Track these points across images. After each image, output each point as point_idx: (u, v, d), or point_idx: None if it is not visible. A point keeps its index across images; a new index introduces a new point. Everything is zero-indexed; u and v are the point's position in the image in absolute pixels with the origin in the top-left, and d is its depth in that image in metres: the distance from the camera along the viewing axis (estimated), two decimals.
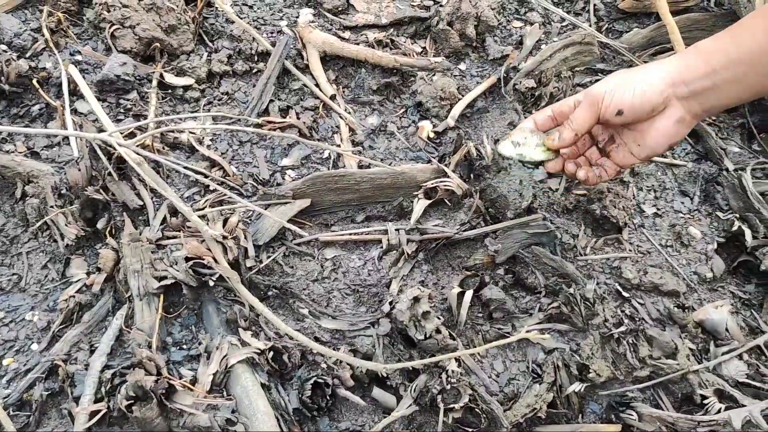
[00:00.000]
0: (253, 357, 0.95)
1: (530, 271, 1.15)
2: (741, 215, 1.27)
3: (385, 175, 1.15)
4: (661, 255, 1.23)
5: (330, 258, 1.12)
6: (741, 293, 1.21)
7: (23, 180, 1.08)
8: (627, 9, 1.55)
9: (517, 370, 1.06)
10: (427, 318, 1.00)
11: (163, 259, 1.01)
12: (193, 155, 1.17)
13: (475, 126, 1.34)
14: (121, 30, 1.23)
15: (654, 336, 1.09)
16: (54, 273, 1.04)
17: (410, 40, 1.41)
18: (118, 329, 0.97)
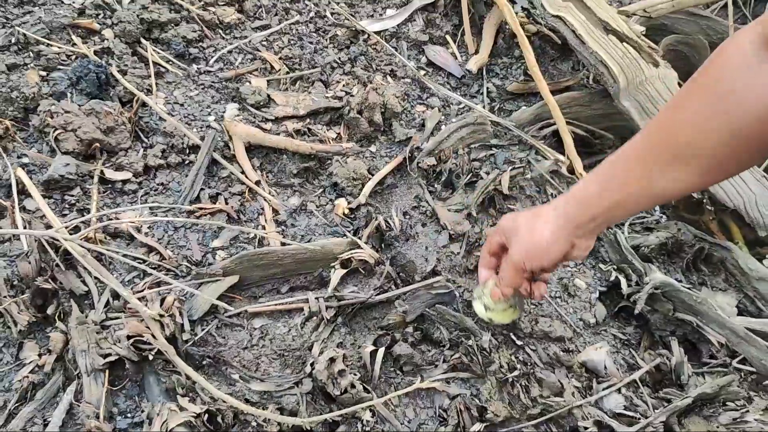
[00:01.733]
0: (190, 420, 1.08)
1: (436, 326, 1.32)
2: (618, 266, 1.47)
3: (305, 250, 1.32)
4: (551, 305, 1.41)
5: (258, 327, 1.26)
6: (621, 335, 1.40)
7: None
8: (515, 90, 1.78)
9: (426, 415, 1.21)
10: (342, 375, 1.15)
11: (108, 338, 1.14)
12: (132, 242, 1.31)
13: (385, 201, 1.52)
14: (63, 133, 1.38)
15: (543, 378, 1.27)
16: (8, 356, 1.16)
17: (326, 128, 1.59)
18: (68, 404, 1.09)
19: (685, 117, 0.86)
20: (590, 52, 1.63)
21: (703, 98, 0.84)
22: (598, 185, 0.97)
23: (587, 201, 0.99)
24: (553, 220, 1.03)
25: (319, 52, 1.76)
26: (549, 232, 1.02)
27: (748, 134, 0.81)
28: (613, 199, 0.95)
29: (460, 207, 1.51)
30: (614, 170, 0.95)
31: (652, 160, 0.89)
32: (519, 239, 1.06)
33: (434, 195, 1.54)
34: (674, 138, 0.87)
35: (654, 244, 1.49)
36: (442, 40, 1.88)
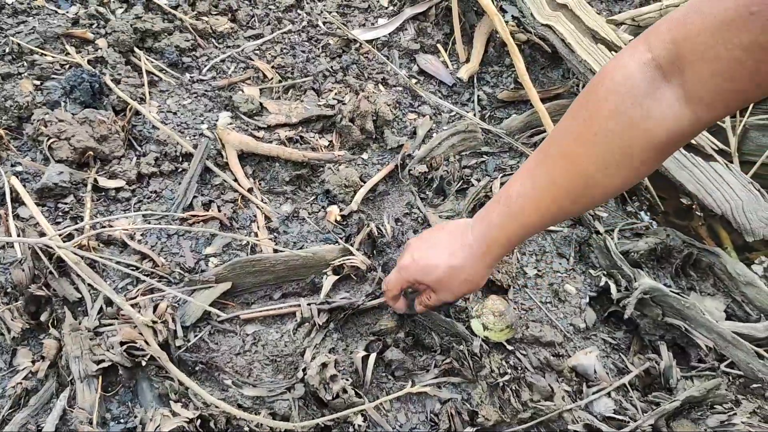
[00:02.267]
0: (183, 426, 1.08)
1: (427, 332, 1.33)
2: (608, 272, 1.49)
3: (297, 256, 1.33)
4: (542, 311, 1.42)
5: (250, 333, 1.27)
6: (611, 339, 1.41)
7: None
8: (505, 99, 1.80)
9: (418, 420, 1.22)
10: (334, 380, 1.16)
11: (101, 344, 1.15)
12: (125, 249, 1.32)
13: (377, 208, 1.53)
14: (57, 142, 1.39)
15: (534, 382, 1.28)
16: (2, 363, 1.17)
17: (318, 135, 1.61)
18: (62, 410, 1.10)
19: (586, 151, 0.87)
20: (579, 60, 1.66)
21: (602, 131, 0.84)
22: (517, 221, 1.00)
23: (504, 238, 1.03)
24: (480, 269, 1.09)
25: (312, 61, 1.77)
26: (480, 279, 1.10)
27: (651, 159, 0.85)
28: (532, 225, 0.99)
29: (452, 214, 1.53)
30: (525, 202, 0.97)
31: (566, 196, 0.93)
32: (446, 290, 1.13)
33: (426, 202, 1.55)
34: (582, 175, 0.89)
35: (643, 249, 1.51)
36: (433, 48, 1.90)
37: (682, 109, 0.79)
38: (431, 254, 1.11)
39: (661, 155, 0.86)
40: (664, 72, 0.79)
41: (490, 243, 1.05)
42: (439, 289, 1.13)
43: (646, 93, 0.80)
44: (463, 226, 1.10)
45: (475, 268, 1.08)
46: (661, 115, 0.80)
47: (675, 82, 0.78)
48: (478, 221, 1.08)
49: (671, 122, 0.80)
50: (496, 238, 1.04)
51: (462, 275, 1.08)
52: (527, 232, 1.01)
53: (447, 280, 1.10)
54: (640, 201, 1.76)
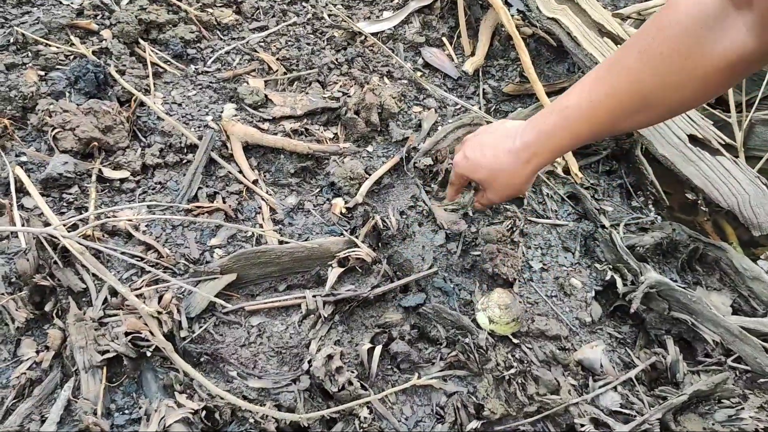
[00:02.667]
0: (188, 416, 1.08)
1: (432, 324, 1.33)
2: (614, 266, 1.48)
3: (302, 248, 1.32)
4: (547, 304, 1.42)
5: (255, 325, 1.27)
6: (617, 334, 1.41)
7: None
8: (510, 92, 1.79)
9: (423, 413, 1.22)
10: (339, 372, 1.16)
11: (105, 335, 1.14)
12: (130, 240, 1.31)
13: (382, 200, 1.53)
14: (62, 132, 1.39)
15: (540, 375, 1.27)
16: (6, 353, 1.16)
17: (323, 128, 1.60)
18: (66, 400, 1.09)
19: (651, 68, 0.90)
20: (585, 54, 1.65)
21: (668, 51, 0.87)
22: (569, 131, 1.02)
23: (553, 145, 1.05)
24: (523, 172, 1.11)
25: (317, 54, 1.77)
26: (521, 182, 1.13)
27: (713, 83, 0.86)
28: (581, 137, 1.02)
29: (456, 207, 1.52)
30: (581, 113, 0.99)
31: (621, 110, 0.95)
32: (493, 189, 1.17)
33: (431, 195, 1.55)
34: (641, 92, 0.92)
35: (649, 244, 1.50)
36: (439, 42, 1.89)
37: (751, 36, 0.81)
38: (479, 154, 1.16)
39: (726, 80, 0.87)
40: (735, 1, 0.81)
41: (537, 150, 1.07)
42: (486, 187, 1.18)
43: (716, 17, 0.83)
44: (514, 130, 1.12)
45: (518, 173, 1.11)
46: (730, 39, 0.82)
47: (745, 11, 0.80)
48: (529, 127, 1.09)
49: (740, 47, 0.82)
50: (543, 145, 1.06)
51: (504, 178, 1.13)
52: (575, 142, 1.04)
53: (491, 181, 1.15)
54: (645, 196, 1.75)
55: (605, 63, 0.98)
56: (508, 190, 1.16)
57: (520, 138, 1.09)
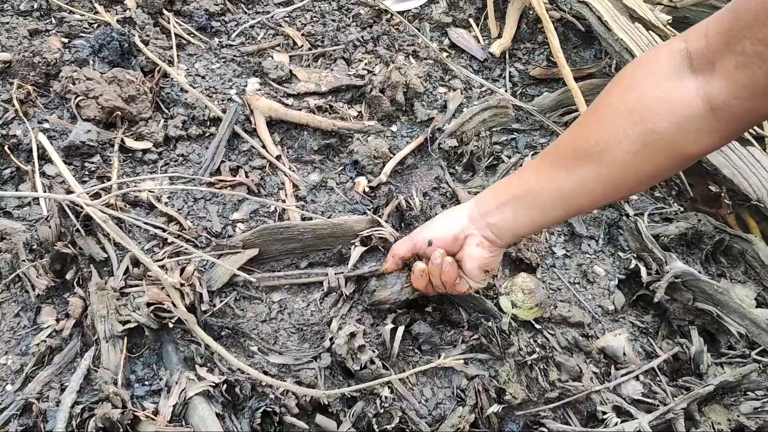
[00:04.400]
0: (208, 390, 1.07)
1: (455, 308, 1.31)
2: (638, 255, 1.46)
3: (325, 225, 1.31)
4: (570, 291, 1.40)
5: (277, 301, 1.25)
6: (639, 323, 1.39)
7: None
8: (538, 76, 1.76)
9: (444, 395, 1.20)
10: (362, 351, 1.14)
11: (127, 305, 1.13)
12: (152, 211, 1.30)
13: (405, 181, 1.51)
14: (85, 100, 1.37)
15: (562, 362, 1.26)
16: (26, 321, 1.15)
17: (347, 106, 1.58)
18: (86, 369, 1.08)
19: (597, 119, 0.90)
20: (615, 38, 1.62)
21: (617, 103, 0.86)
22: (509, 179, 1.08)
23: (503, 186, 1.07)
24: (462, 205, 1.16)
25: (342, 30, 1.74)
26: (452, 212, 1.15)
27: (657, 146, 0.84)
28: (522, 188, 1.02)
29: (480, 190, 1.50)
30: (525, 167, 1.07)
31: (561, 156, 0.96)
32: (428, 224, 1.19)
33: (455, 177, 1.53)
34: (585, 138, 0.91)
35: (673, 234, 1.48)
36: (465, 23, 1.86)
37: (700, 104, 0.79)
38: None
39: (664, 153, 0.85)
40: (693, 63, 0.80)
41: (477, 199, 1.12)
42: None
43: (668, 75, 0.81)
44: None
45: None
46: (678, 101, 0.80)
47: (701, 78, 0.79)
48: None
49: (685, 112, 0.80)
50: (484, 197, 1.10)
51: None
52: (519, 187, 1.05)
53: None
54: (669, 186, 1.73)
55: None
56: (441, 229, 1.17)
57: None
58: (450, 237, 1.13)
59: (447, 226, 1.14)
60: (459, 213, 1.14)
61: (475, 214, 1.10)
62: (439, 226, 1.16)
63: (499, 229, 1.08)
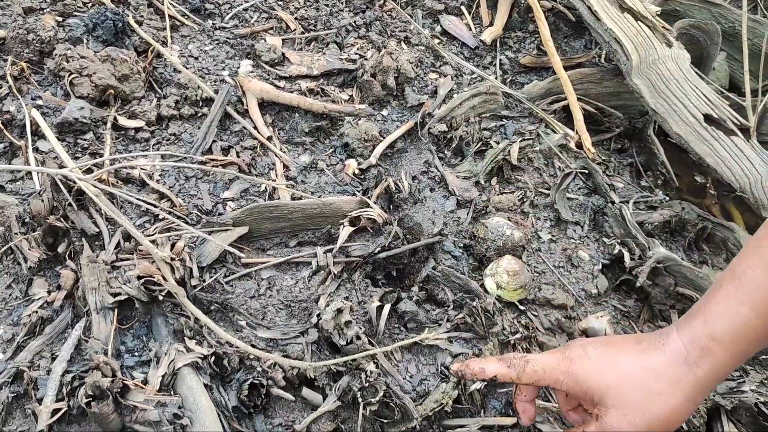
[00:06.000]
0: (197, 361, 1.09)
1: (440, 288, 1.33)
2: (622, 240, 1.48)
3: (315, 205, 1.33)
4: (554, 274, 1.42)
5: (266, 278, 1.27)
6: (622, 307, 1.42)
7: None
8: (527, 64, 1.78)
9: (428, 372, 1.23)
10: (348, 326, 1.17)
11: (118, 278, 1.15)
12: (143, 188, 1.32)
13: (395, 164, 1.53)
14: (78, 78, 1.38)
15: (545, 342, 1.28)
16: (18, 292, 1.17)
17: (338, 89, 1.60)
18: (77, 339, 1.10)
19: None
20: (605, 28, 1.64)
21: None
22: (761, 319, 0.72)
23: (748, 341, 0.73)
24: (688, 380, 0.73)
25: (335, 15, 1.76)
26: (685, 400, 0.73)
27: None
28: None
29: (469, 174, 1.53)
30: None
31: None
32: (627, 410, 0.74)
33: (444, 161, 1.55)
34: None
35: (657, 221, 1.51)
36: (457, 10, 1.88)
37: None
38: (593, 353, 0.81)
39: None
40: None
41: (707, 343, 0.74)
42: (604, 413, 0.78)
43: None
44: (643, 335, 0.81)
45: (675, 389, 0.75)
46: None
47: None
48: (681, 321, 0.79)
49: None
50: (720, 331, 0.74)
51: (643, 399, 0.75)
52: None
53: (617, 401, 0.76)
54: (655, 176, 1.75)
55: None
56: (662, 423, 0.74)
57: (668, 334, 0.77)
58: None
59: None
60: (694, 401, 0.76)
61: (711, 385, 0.76)
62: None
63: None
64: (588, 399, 0.78)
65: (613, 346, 0.78)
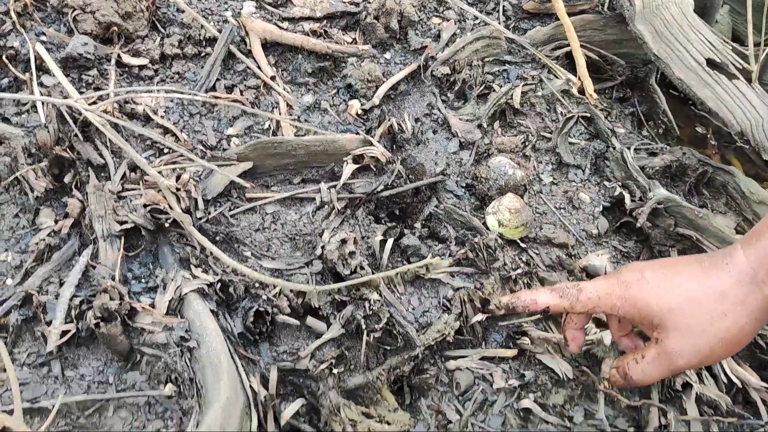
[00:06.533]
0: (203, 288, 1.10)
1: (443, 225, 1.35)
2: (623, 183, 1.50)
3: (318, 142, 1.33)
4: (555, 215, 1.44)
5: (270, 212, 1.28)
6: (622, 247, 1.43)
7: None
8: (530, 10, 1.78)
9: (430, 304, 1.24)
10: (352, 257, 1.18)
11: (124, 206, 1.16)
12: (148, 123, 1.32)
13: (398, 107, 1.53)
14: (82, 15, 1.38)
15: (545, 277, 1.30)
16: (24, 221, 1.18)
17: (341, 32, 1.59)
18: (84, 265, 1.11)
19: None
20: None
21: None
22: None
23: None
24: (755, 299, 0.71)
25: None
26: (751, 320, 0.71)
27: None
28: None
29: (472, 118, 1.53)
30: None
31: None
32: (689, 332, 0.73)
33: (446, 104, 1.56)
34: None
35: (658, 166, 1.52)
36: None
37: None
38: (651, 275, 0.79)
39: None
40: None
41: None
42: (664, 336, 0.77)
43: None
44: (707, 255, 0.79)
45: (740, 308, 0.73)
46: None
47: None
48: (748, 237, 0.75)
49: None
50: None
51: (708, 320, 0.73)
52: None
53: (678, 324, 0.75)
54: (656, 125, 1.76)
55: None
56: (728, 345, 0.72)
57: (732, 253, 0.74)
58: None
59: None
60: (761, 320, 0.74)
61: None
62: (733, 351, 0.77)
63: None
64: (647, 323, 0.76)
65: (671, 268, 0.76)
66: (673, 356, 0.73)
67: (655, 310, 0.74)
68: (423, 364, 1.20)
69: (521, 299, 0.86)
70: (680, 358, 0.73)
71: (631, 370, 0.78)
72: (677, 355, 0.73)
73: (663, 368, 0.75)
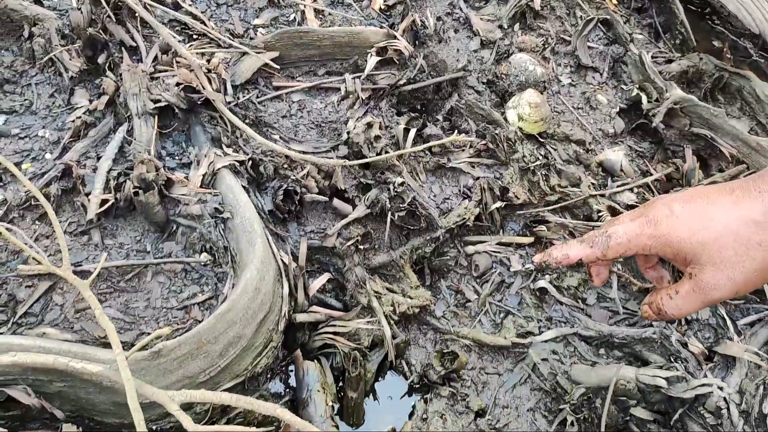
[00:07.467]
0: (235, 164, 1.14)
1: (464, 119, 1.38)
2: (640, 85, 1.52)
3: (343, 33, 1.35)
4: (573, 114, 1.47)
5: (296, 101, 1.32)
6: (637, 147, 1.46)
7: (29, 22, 1.24)
8: None
9: (451, 192, 1.29)
10: (378, 140, 1.22)
11: (158, 86, 1.19)
12: (178, 11, 1.34)
13: (420, 5, 1.54)
14: None
15: (563, 169, 1.34)
16: (60, 101, 1.21)
17: None
18: (120, 141, 1.15)
19: None
20: None
21: None
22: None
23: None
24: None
25: None
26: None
27: None
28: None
29: (492, 18, 1.55)
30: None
31: None
32: (724, 264, 0.70)
33: (468, 4, 1.57)
34: None
35: (675, 71, 1.54)
36: None
37: None
38: (680, 211, 0.74)
39: None
40: None
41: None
42: (698, 270, 0.73)
43: None
44: (733, 183, 0.73)
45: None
46: None
47: None
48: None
49: None
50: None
51: (742, 252, 0.70)
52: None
53: (710, 258, 0.72)
54: (673, 36, 1.77)
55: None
56: (751, 276, 0.69)
57: (763, 181, 0.69)
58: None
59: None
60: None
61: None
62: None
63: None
64: (680, 259, 0.74)
65: (701, 200, 0.73)
66: (708, 289, 0.72)
67: (688, 246, 0.72)
68: (443, 248, 1.25)
69: (553, 256, 0.85)
70: (715, 290, 0.72)
71: (666, 305, 0.77)
72: (712, 287, 0.72)
73: (698, 302, 0.74)
